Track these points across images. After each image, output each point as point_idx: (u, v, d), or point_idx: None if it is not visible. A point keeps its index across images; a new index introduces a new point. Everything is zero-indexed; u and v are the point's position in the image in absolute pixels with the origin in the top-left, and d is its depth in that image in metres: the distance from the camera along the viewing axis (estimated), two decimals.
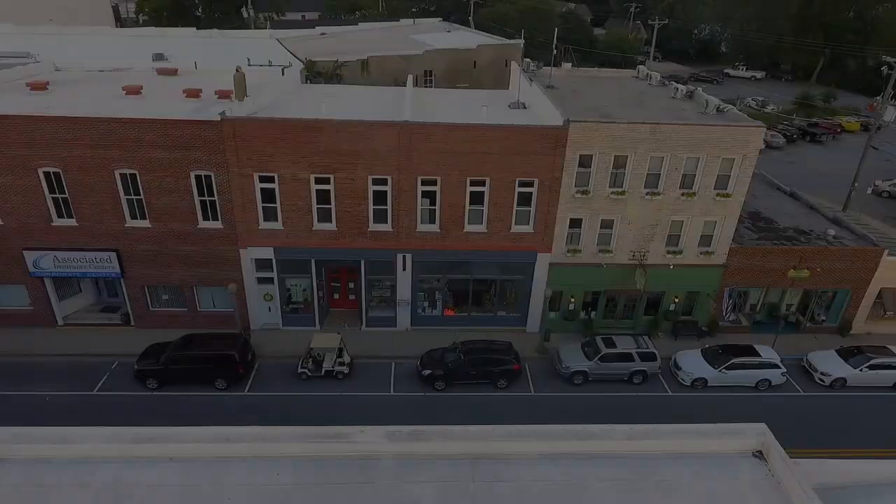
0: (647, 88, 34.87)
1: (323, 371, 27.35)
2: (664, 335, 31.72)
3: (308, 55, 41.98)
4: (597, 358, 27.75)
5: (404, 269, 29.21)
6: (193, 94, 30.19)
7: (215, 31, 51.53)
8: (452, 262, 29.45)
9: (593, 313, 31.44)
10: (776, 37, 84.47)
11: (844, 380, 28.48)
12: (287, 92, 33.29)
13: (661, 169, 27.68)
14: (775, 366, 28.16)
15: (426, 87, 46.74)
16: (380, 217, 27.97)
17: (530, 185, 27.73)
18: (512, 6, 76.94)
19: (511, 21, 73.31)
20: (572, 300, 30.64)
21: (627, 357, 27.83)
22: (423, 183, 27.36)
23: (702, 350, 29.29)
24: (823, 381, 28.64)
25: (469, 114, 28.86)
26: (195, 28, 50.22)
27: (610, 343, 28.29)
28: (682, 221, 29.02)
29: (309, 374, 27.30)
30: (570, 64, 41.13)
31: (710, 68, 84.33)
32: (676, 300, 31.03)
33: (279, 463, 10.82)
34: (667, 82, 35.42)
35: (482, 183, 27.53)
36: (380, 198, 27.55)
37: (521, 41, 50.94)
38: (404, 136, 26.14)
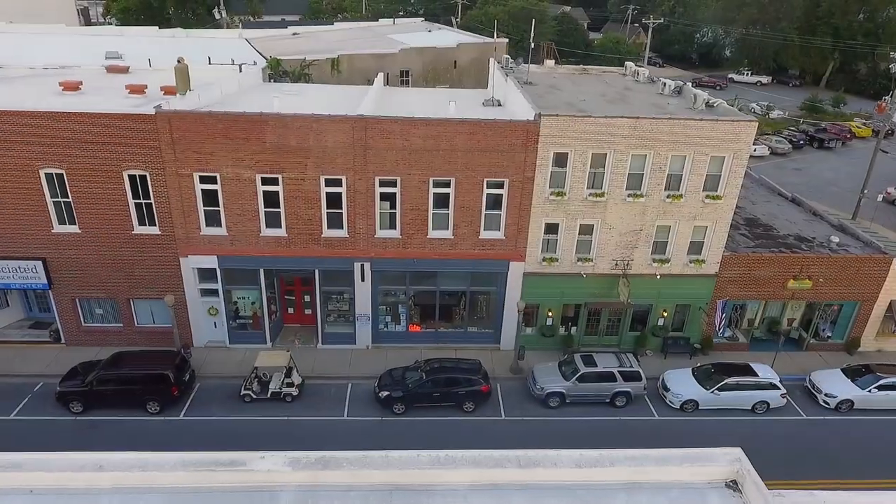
0: (634, 85, 33.76)
1: (269, 393, 25.82)
2: (652, 353, 30.21)
3: (277, 55, 41.03)
4: (574, 378, 26.23)
5: (363, 279, 27.80)
6: (138, 90, 29.08)
7: (179, 30, 50.80)
8: (416, 271, 28.07)
9: (574, 329, 29.96)
10: (782, 39, 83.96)
11: (851, 402, 26.95)
12: (244, 90, 32.17)
13: (644, 168, 26.41)
14: (774, 386, 26.64)
15: (402, 87, 45.73)
16: (334, 222, 26.66)
17: (500, 186, 26.45)
18: (502, 8, 76.49)
19: (500, 23, 72.78)
20: (550, 314, 29.18)
21: (609, 377, 26.31)
22: (382, 184, 26.10)
23: (692, 369, 27.78)
24: (828, 404, 27.11)
25: (436, 111, 27.67)
26: (162, 28, 49.45)
27: (590, 361, 26.78)
28: (669, 227, 27.68)
29: (253, 396, 25.76)
30: (554, 61, 40.15)
31: (713, 73, 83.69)
32: (665, 314, 29.57)
33: (160, 496, 9.56)
34: (655, 79, 34.34)
35: (446, 184, 26.26)
36: (334, 200, 26.26)
37: (505, 40, 50.10)
38: (359, 131, 24.90)
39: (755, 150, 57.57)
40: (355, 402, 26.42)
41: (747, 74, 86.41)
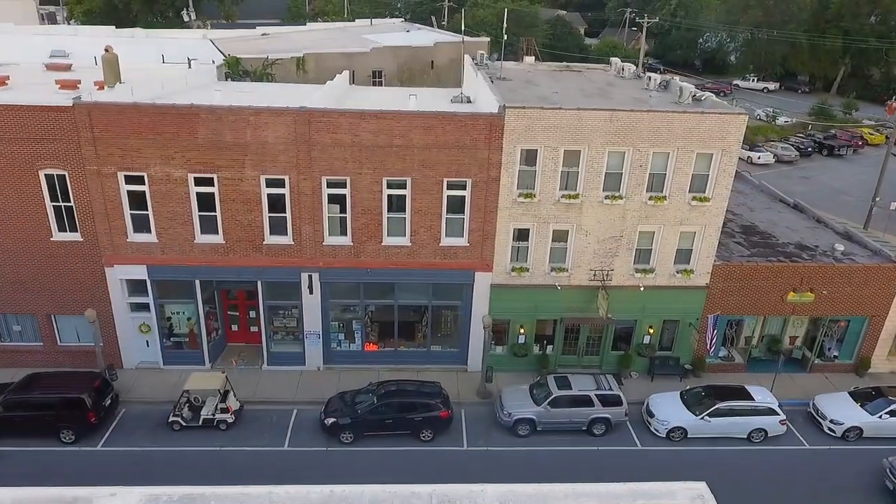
0: (618, 81, 32.46)
1: (201, 420, 24.08)
2: (638, 375, 28.47)
3: (242, 55, 39.91)
4: (546, 402, 24.48)
5: (311, 291, 26.20)
6: (70, 85, 27.67)
7: (138, 30, 50.01)
8: (371, 283, 26.48)
9: (550, 348, 28.24)
10: (789, 42, 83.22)
11: (860, 429, 25.18)
12: (193, 87, 30.79)
13: (623, 167, 24.94)
14: (772, 412, 24.88)
15: (371, 87, 44.57)
16: (278, 227, 25.13)
17: (462, 186, 24.97)
18: (490, 10, 75.90)
19: (489, 25, 72.11)
20: (522, 331, 27.49)
21: (585, 401, 24.55)
22: (330, 184, 24.64)
23: (681, 393, 26.03)
24: (833, 432, 25.33)
25: (396, 107, 26.24)
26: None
27: (564, 384, 25.05)
28: (653, 232, 26.13)
29: (183, 423, 24.01)
30: (534, 58, 38.97)
31: (717, 80, 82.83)
32: (651, 331, 27.87)
33: None
34: (641, 75, 33.05)
35: (402, 185, 24.78)
36: (276, 203, 24.78)
37: (487, 39, 49.08)
38: (301, 125, 23.49)
39: (759, 158, 56.35)
40: (300, 430, 24.65)
41: (753, 80, 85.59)
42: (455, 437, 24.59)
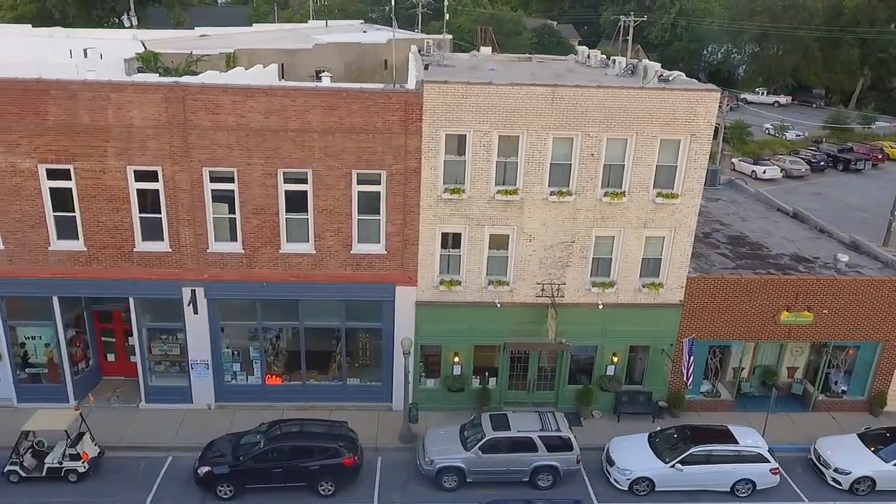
0: (580, 68, 30.18)
1: (45, 469, 20.93)
2: (602, 414, 25.34)
3: (167, 51, 37.99)
4: (477, 446, 21.33)
5: (195, 311, 23.31)
6: None
7: (59, 28, 48.63)
8: (269, 300, 23.64)
9: (493, 381, 25.17)
10: (801, 52, 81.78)
11: (872, 480, 22.09)
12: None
13: (572, 157, 22.31)
14: (761, 458, 21.77)
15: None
16: (152, 231, 22.44)
17: (375, 180, 22.33)
18: (469, 17, 74.80)
19: (467, 33, 70.86)
20: (457, 360, 24.48)
21: (526, 445, 21.45)
22: (214, 178, 22.04)
23: (649, 435, 22.90)
24: (839, 483, 22.22)
25: None
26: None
27: (501, 423, 21.97)
28: (612, 237, 23.35)
29: (22, 473, 20.88)
30: (491, 49, 36.93)
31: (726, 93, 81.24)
32: (615, 360, 24.86)
33: None
34: (609, 63, 30.71)
35: (302, 178, 22.15)
36: (149, 201, 22.14)
37: (449, 36, 47.23)
38: (174, 104, 20.95)
39: (764, 173, 54.04)
40: (170, 482, 21.53)
41: (763, 94, 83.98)
42: (364, 491, 21.41)
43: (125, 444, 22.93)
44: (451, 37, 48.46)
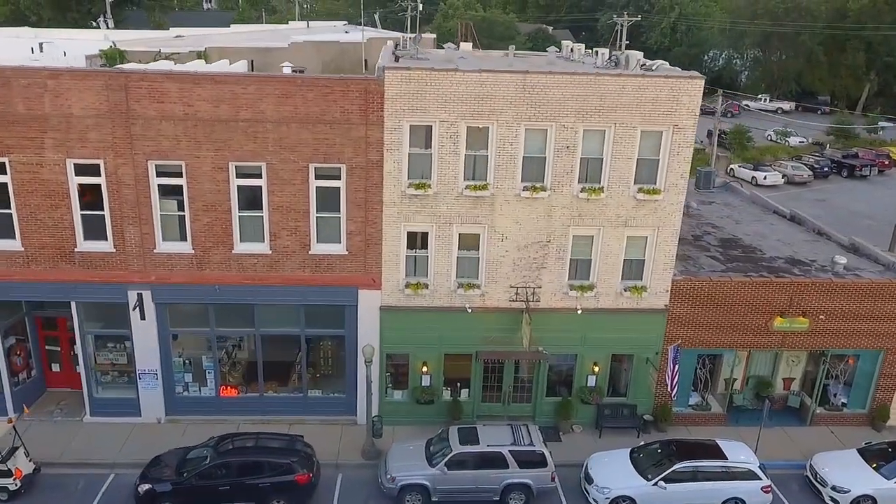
0: (561, 62, 29.27)
1: None
2: (582, 428, 24.21)
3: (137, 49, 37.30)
4: (443, 462, 20.20)
5: (142, 316, 22.26)
6: None
7: (27, 28, 48.18)
8: (223, 305, 22.61)
9: (465, 392, 24.06)
10: (805, 57, 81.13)
11: (873, 499, 20.94)
12: None
13: (546, 150, 21.36)
14: (752, 475, 20.61)
15: None
16: (94, 229, 21.45)
17: (334, 175, 21.38)
18: (461, 21, 74.24)
19: (456, 36, 70.19)
20: (425, 369, 23.40)
21: (495, 461, 20.31)
22: (160, 172, 21.10)
23: (632, 450, 21.76)
24: (837, 502, 21.08)
25: None
26: None
27: (469, 437, 20.86)
28: (591, 237, 22.35)
29: None
30: (472, 44, 36.10)
31: (726, 100, 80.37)
32: (597, 370, 23.77)
33: None
34: (591, 53, 29.90)
35: (256, 172, 21.21)
36: (90, 197, 21.17)
37: (433, 35, 46.56)
38: (116, 92, 20.05)
39: (765, 179, 53.16)
40: (110, 500, 20.50)
41: (765, 101, 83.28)
42: None
43: (65, 460, 21.80)
44: (434, 35, 47.80)
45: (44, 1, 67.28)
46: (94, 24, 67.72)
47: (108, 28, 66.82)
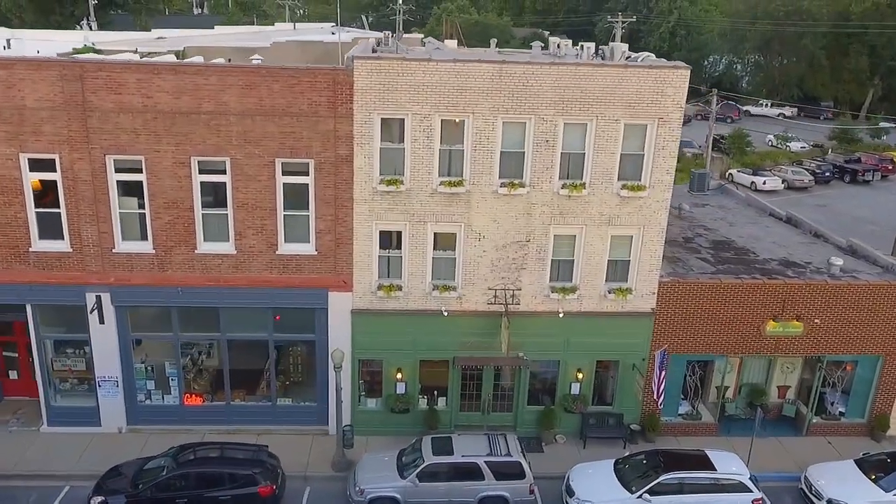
0: (544, 57, 28.69)
1: None
2: (566, 439, 23.45)
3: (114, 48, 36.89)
4: (415, 474, 19.44)
5: (101, 319, 21.55)
6: None
7: (3, 29, 47.93)
8: (187, 308, 21.90)
9: (442, 401, 23.31)
10: (807, 61, 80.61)
11: None
12: None
13: (525, 144, 20.73)
14: (742, 487, 19.83)
15: None
16: (49, 228, 20.80)
17: (302, 170, 20.75)
18: (452, 26, 74.08)
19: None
20: (399, 376, 22.65)
21: (470, 472, 19.59)
22: (119, 168, 20.48)
23: (616, 461, 21.00)
24: None
25: None
26: None
27: (444, 447, 20.16)
28: (573, 236, 21.68)
29: None
30: (457, 42, 35.69)
31: (725, 106, 79.87)
32: (580, 377, 23.03)
33: None
34: (579, 49, 29.33)
35: (220, 168, 20.57)
36: (46, 194, 20.55)
37: (420, 35, 46.16)
38: (72, 83, 19.44)
39: (764, 184, 52.46)
40: None
41: (766, 106, 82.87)
42: None
43: (18, 472, 21.01)
44: (422, 36, 47.40)
45: (25, 4, 66.97)
46: (79, 27, 67.54)
47: (91, 30, 66.58)
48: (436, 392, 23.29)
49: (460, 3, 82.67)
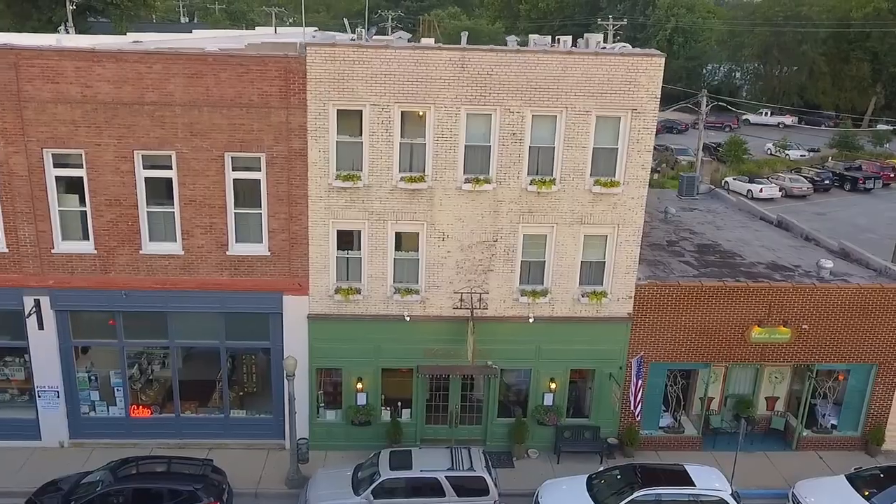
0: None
1: None
2: (539, 453, 22.45)
3: None
4: (369, 490, 18.45)
5: (40, 325, 20.65)
6: None
7: None
8: (132, 313, 21.02)
9: (406, 412, 22.34)
10: (808, 69, 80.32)
11: None
12: None
13: (490, 137, 19.93)
14: None
15: None
16: None
17: (253, 165, 19.94)
18: (443, 31, 73.72)
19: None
20: (360, 387, 21.70)
21: (430, 488, 18.64)
22: (58, 162, 19.65)
23: (589, 477, 20.00)
24: None
25: None
26: None
27: (402, 462, 19.20)
28: (544, 236, 20.81)
29: None
30: (434, 39, 34.97)
31: (720, 114, 79.24)
32: (554, 387, 22.07)
33: None
34: (556, 43, 28.67)
35: (165, 162, 19.75)
36: None
37: (407, 35, 45.62)
38: (5, 72, 18.67)
39: (761, 192, 51.71)
40: None
41: (766, 115, 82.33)
42: None
43: None
44: (409, 35, 46.87)
45: (2, 9, 66.51)
46: (57, 32, 67.00)
47: (69, 33, 66.04)
48: (399, 403, 22.33)
49: (451, 10, 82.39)
